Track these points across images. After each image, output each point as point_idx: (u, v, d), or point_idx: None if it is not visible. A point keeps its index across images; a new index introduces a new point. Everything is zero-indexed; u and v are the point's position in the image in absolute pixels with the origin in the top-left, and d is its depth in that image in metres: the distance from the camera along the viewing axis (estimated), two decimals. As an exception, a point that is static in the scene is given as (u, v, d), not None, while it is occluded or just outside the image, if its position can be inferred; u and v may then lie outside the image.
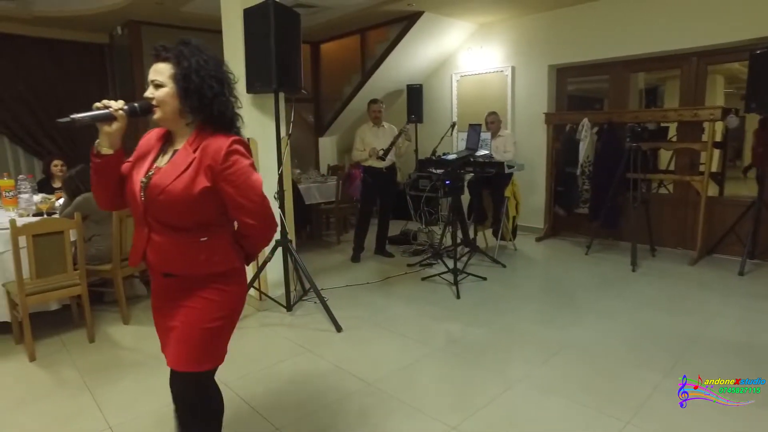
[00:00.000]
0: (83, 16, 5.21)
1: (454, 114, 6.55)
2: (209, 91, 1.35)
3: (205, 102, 1.35)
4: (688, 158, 4.77)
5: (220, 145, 1.35)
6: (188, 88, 1.34)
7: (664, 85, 6.44)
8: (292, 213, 3.68)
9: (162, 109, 1.37)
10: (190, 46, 1.37)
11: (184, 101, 1.35)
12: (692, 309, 3.40)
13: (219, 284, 1.44)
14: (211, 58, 1.39)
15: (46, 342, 3.08)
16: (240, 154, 1.38)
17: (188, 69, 1.33)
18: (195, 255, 1.41)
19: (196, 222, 1.40)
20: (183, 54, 1.34)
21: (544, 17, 5.47)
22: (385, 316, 3.41)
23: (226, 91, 1.40)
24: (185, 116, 1.39)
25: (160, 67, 1.36)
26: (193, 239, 1.40)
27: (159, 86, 1.36)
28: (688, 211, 4.81)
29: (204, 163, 1.35)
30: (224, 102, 1.39)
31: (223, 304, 1.46)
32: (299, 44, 3.19)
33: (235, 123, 1.44)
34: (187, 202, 1.35)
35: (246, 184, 1.38)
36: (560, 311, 3.46)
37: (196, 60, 1.35)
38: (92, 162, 1.39)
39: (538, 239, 5.54)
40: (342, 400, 2.34)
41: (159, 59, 1.37)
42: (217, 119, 1.38)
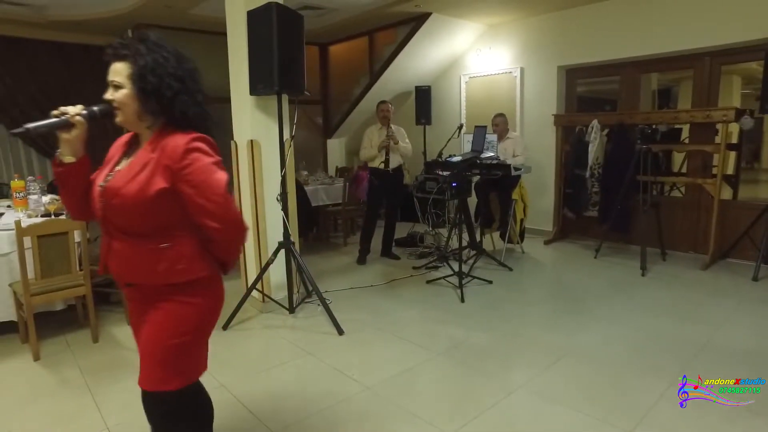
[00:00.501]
0: (94, 20, 5.28)
1: (462, 116, 6.51)
2: (168, 91, 1.27)
3: (165, 102, 1.28)
4: (701, 160, 4.67)
5: (177, 143, 1.27)
6: (145, 88, 1.26)
7: (678, 86, 6.32)
8: (296, 215, 3.67)
9: (123, 111, 1.29)
10: (147, 43, 1.28)
11: (142, 103, 1.27)
12: (702, 315, 3.31)
13: (182, 296, 1.34)
14: (171, 54, 1.30)
15: (51, 341, 3.12)
16: (200, 151, 1.28)
17: (144, 68, 1.25)
18: (155, 263, 1.30)
19: (155, 227, 1.31)
20: (140, 52, 1.26)
21: (553, 17, 5.40)
22: (388, 320, 3.38)
23: (190, 89, 1.31)
24: (146, 118, 1.31)
25: (117, 66, 1.28)
26: (153, 246, 1.31)
27: (118, 87, 1.28)
28: (700, 214, 4.71)
29: (161, 162, 1.27)
30: (185, 102, 1.30)
31: (188, 318, 1.35)
32: (302, 46, 3.19)
33: (201, 122, 1.35)
34: (143, 204, 1.27)
35: (205, 184, 1.27)
36: (566, 316, 3.40)
37: (152, 58, 1.26)
38: (54, 171, 1.33)
39: (547, 242, 5.46)
40: (339, 405, 2.32)
41: (116, 58, 1.28)
42: (180, 120, 1.31)
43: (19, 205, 3.72)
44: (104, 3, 4.87)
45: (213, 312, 1.43)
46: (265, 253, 3.46)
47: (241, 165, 3.52)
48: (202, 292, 1.38)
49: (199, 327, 1.39)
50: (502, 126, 4.94)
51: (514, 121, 5.83)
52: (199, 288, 1.37)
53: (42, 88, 5.72)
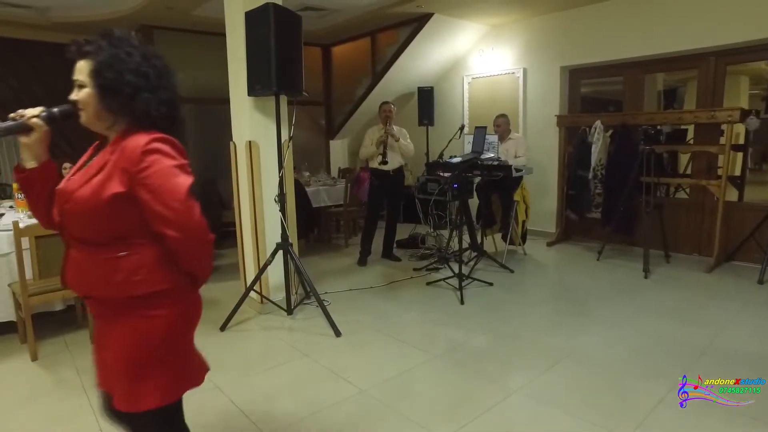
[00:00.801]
0: (97, 22, 5.30)
1: (465, 117, 6.48)
2: (127, 88, 1.18)
3: (124, 100, 1.19)
4: (706, 161, 4.61)
5: (136, 144, 1.17)
6: (104, 85, 1.18)
7: (684, 87, 6.26)
8: (295, 216, 3.66)
9: (86, 111, 1.22)
10: (110, 38, 1.21)
11: (102, 100, 1.19)
12: (706, 318, 3.26)
13: (144, 309, 1.23)
14: (136, 49, 1.22)
15: (50, 342, 3.13)
16: (160, 153, 1.18)
17: (102, 64, 1.17)
18: (111, 274, 1.20)
19: (111, 234, 1.21)
20: (101, 47, 1.19)
21: (556, 18, 5.37)
22: (387, 322, 3.36)
23: (154, 86, 1.23)
24: (105, 117, 1.22)
25: (80, 64, 1.20)
26: (109, 255, 1.21)
27: (81, 86, 1.21)
28: (705, 216, 4.65)
29: (119, 165, 1.18)
30: (147, 99, 1.21)
31: (153, 333, 1.24)
32: (300, 47, 3.18)
33: (167, 122, 1.25)
34: (97, 210, 1.18)
35: (163, 189, 1.16)
36: (567, 319, 3.37)
37: (111, 53, 1.18)
38: (15, 178, 1.27)
39: (549, 244, 5.42)
40: (334, 408, 2.30)
41: (80, 55, 1.20)
42: (143, 119, 1.22)
43: (20, 206, 3.75)
44: (106, 4, 4.90)
45: (182, 325, 1.32)
46: (264, 254, 3.45)
47: (240, 166, 3.52)
48: (167, 304, 1.26)
49: (166, 341, 1.27)
50: (504, 127, 4.90)
51: (517, 122, 5.79)
52: (163, 300, 1.25)
53: (46, 90, 5.77)
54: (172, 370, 1.29)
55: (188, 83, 5.81)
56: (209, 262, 1.33)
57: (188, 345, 1.37)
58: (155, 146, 1.18)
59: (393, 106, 4.82)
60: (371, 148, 4.66)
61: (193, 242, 1.23)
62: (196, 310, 1.37)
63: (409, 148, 4.75)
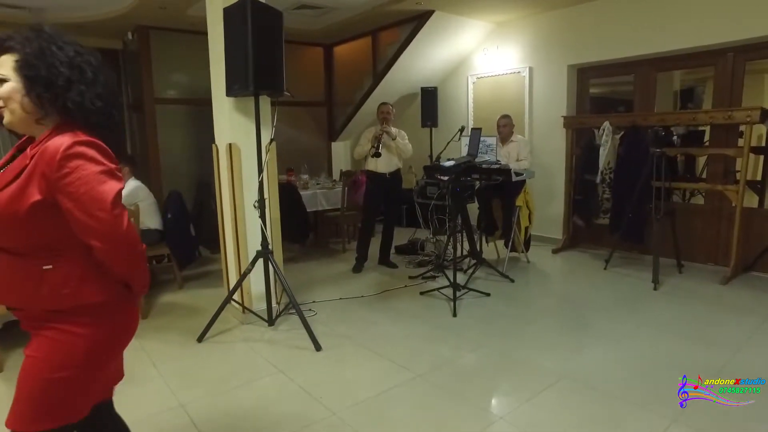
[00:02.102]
0: (94, 23, 5.24)
1: (470, 117, 6.25)
2: (60, 78, 1.11)
3: (55, 91, 1.12)
4: (723, 165, 4.31)
5: (57, 147, 1.09)
6: (31, 75, 1.10)
7: (704, 86, 5.93)
8: (279, 222, 3.50)
9: (8, 108, 1.13)
10: (40, 32, 1.14)
11: (28, 92, 1.11)
12: (719, 336, 2.99)
13: (68, 324, 1.16)
14: (69, 45, 1.16)
15: (19, 352, 3.00)
16: (84, 158, 1.10)
17: (30, 54, 1.11)
18: (37, 286, 1.13)
19: (35, 245, 1.14)
20: (28, 39, 1.13)
21: (564, 14, 5.11)
22: (371, 335, 3.17)
23: (88, 80, 1.16)
24: (36, 112, 1.13)
25: (4, 59, 1.13)
26: (33, 267, 1.14)
27: (2, 81, 1.12)
28: (722, 223, 4.35)
29: (38, 170, 1.10)
30: (82, 91, 1.14)
31: (72, 350, 1.16)
32: (281, 44, 3.01)
33: (103, 119, 1.18)
34: (15, 219, 1.10)
35: (87, 196, 1.09)
36: (565, 335, 3.13)
37: (41, 44, 1.12)
38: None
39: (555, 251, 5.16)
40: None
41: (2, 51, 1.13)
42: (77, 114, 1.14)
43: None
44: (99, 5, 4.82)
45: (108, 344, 1.24)
46: (245, 261, 3.29)
47: (221, 170, 3.37)
48: (94, 321, 1.19)
49: (86, 362, 1.19)
50: (507, 128, 4.68)
51: (523, 124, 5.55)
52: (91, 315, 1.18)
53: (44, 92, 5.74)
54: (81, 392, 1.21)
55: (184, 84, 5.71)
56: (143, 273, 1.27)
57: (108, 363, 1.28)
58: (78, 150, 1.10)
59: (392, 107, 4.64)
60: (366, 145, 4.48)
61: (122, 253, 1.17)
62: (130, 327, 1.30)
63: (407, 148, 4.56)
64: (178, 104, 5.70)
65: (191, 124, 5.76)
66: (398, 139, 4.49)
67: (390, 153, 4.51)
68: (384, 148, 4.43)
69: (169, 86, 5.64)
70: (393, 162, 4.54)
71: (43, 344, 1.17)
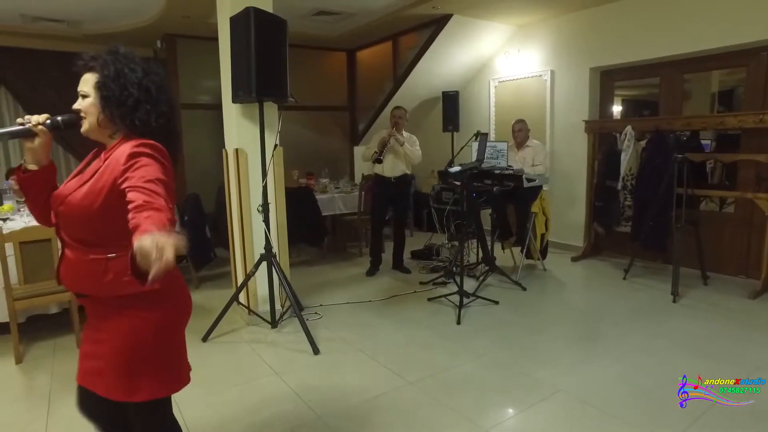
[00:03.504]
0: (125, 32, 5.50)
1: (491, 122, 6.16)
2: (129, 99, 1.29)
3: (125, 111, 1.29)
4: (754, 172, 4.06)
5: (124, 149, 1.25)
6: (107, 96, 1.28)
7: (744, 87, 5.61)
8: (285, 226, 3.55)
9: (88, 119, 1.32)
10: (116, 55, 1.32)
11: (103, 110, 1.29)
12: (736, 355, 2.81)
13: (136, 310, 1.31)
14: (138, 65, 1.33)
15: (41, 344, 3.19)
16: (147, 156, 1.24)
17: (107, 77, 1.29)
18: (102, 274, 1.28)
19: (103, 236, 1.28)
20: (106, 62, 1.30)
21: (585, 15, 4.96)
22: (372, 340, 3.17)
23: (154, 99, 1.33)
24: (107, 126, 1.32)
25: (86, 76, 1.32)
26: (100, 255, 1.28)
27: (84, 96, 1.32)
28: (753, 233, 4.10)
29: (108, 170, 1.26)
30: (147, 111, 1.31)
31: (143, 332, 1.32)
32: (285, 51, 3.06)
33: (163, 132, 1.34)
34: (88, 213, 1.25)
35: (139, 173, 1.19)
36: (570, 347, 3.03)
37: (117, 68, 1.30)
38: (17, 178, 1.35)
39: (574, 259, 5.00)
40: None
41: (86, 69, 1.32)
42: (141, 129, 1.30)
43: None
44: (128, 16, 5.06)
45: (173, 323, 1.40)
46: (251, 264, 3.36)
47: (231, 174, 3.46)
48: (158, 304, 1.33)
49: (158, 339, 1.34)
50: (523, 133, 4.58)
51: (544, 128, 5.42)
52: (154, 301, 1.32)
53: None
54: (165, 366, 1.37)
55: (209, 89, 5.90)
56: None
57: (180, 341, 1.44)
58: (141, 150, 1.25)
59: (405, 112, 4.62)
60: (373, 149, 4.49)
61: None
62: (185, 311, 1.44)
63: (416, 154, 4.54)
64: (203, 109, 5.90)
65: (214, 128, 5.94)
66: (407, 145, 4.47)
67: (397, 158, 4.50)
68: (391, 153, 4.42)
69: (195, 92, 5.85)
70: (399, 167, 4.53)
71: (113, 328, 1.32)
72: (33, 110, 5.88)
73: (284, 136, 7.15)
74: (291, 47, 3.02)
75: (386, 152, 4.42)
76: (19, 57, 5.69)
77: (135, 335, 1.31)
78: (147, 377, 1.33)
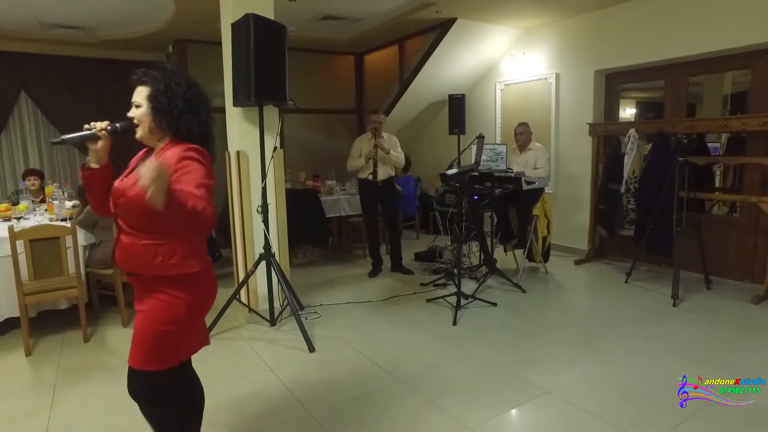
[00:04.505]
0: (138, 38, 5.68)
1: (498, 124, 6.17)
2: (176, 110, 1.51)
3: (172, 120, 1.52)
4: (760, 175, 4.01)
5: (175, 152, 1.48)
6: (158, 107, 1.51)
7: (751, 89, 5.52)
8: (285, 227, 3.63)
9: (141, 127, 1.54)
10: (165, 71, 1.55)
11: (154, 119, 1.52)
12: (730, 360, 2.79)
13: (174, 290, 1.52)
14: (183, 80, 1.55)
15: (50, 338, 3.32)
16: (195, 159, 1.46)
17: (158, 91, 1.51)
18: (152, 256, 1.49)
19: (154, 225, 1.47)
20: (156, 77, 1.52)
21: (590, 18, 4.96)
22: (368, 339, 3.23)
23: (195, 110, 1.55)
24: (157, 132, 1.55)
25: (140, 89, 1.54)
26: (151, 241, 1.49)
27: (138, 106, 1.53)
28: (759, 237, 4.04)
29: None
30: (190, 119, 1.54)
31: (177, 311, 1.52)
32: (284, 56, 3.14)
33: (204, 138, 1.57)
34: (142, 205, 1.37)
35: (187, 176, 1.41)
36: (563, 349, 3.03)
37: (167, 83, 1.52)
38: (81, 175, 1.58)
39: (578, 262, 4.98)
40: (274, 427, 2.22)
41: (139, 82, 1.54)
42: (185, 135, 1.53)
43: (49, 209, 4.06)
44: (140, 22, 5.23)
45: (201, 305, 1.62)
46: (251, 264, 3.45)
47: (232, 176, 3.56)
48: (192, 288, 1.55)
49: (186, 319, 1.55)
50: (525, 136, 4.59)
51: (549, 131, 5.42)
52: (190, 284, 1.54)
53: (98, 102, 6.26)
54: (180, 342, 1.58)
55: (218, 93, 6.01)
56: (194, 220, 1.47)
57: (201, 320, 1.68)
58: (190, 154, 1.49)
59: (383, 117, 4.65)
60: (359, 160, 4.55)
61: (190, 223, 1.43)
62: (211, 295, 1.66)
63: (400, 158, 4.60)
64: (214, 112, 6.02)
65: (223, 131, 6.08)
66: (392, 152, 4.51)
67: (384, 164, 4.55)
68: (379, 160, 4.48)
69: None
70: (386, 171, 4.58)
71: (155, 304, 1.53)
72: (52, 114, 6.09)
73: (294, 138, 7.29)
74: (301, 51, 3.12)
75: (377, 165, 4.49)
76: (38, 63, 5.91)
77: (170, 311, 1.52)
78: (166, 350, 1.54)
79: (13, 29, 5.35)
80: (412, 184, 6.15)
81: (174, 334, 1.54)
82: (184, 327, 1.56)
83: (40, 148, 6.16)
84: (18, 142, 6.04)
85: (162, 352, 1.54)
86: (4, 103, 5.87)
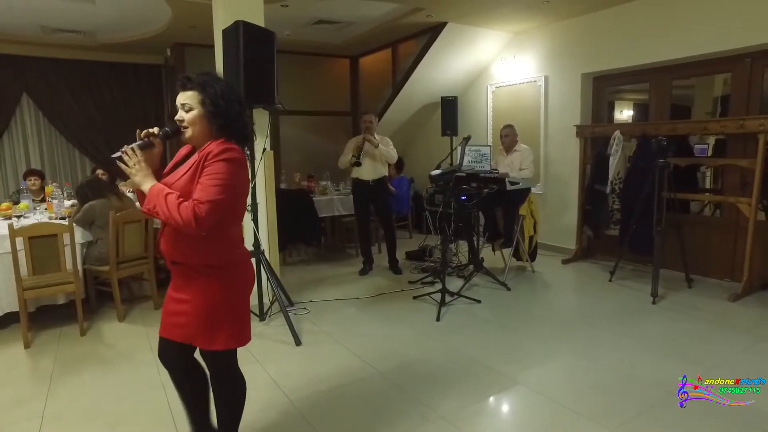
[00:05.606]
0: (137, 41, 5.82)
1: (489, 126, 6.28)
2: (232, 112, 1.60)
3: (229, 121, 1.60)
4: (740, 177, 4.10)
5: (212, 149, 1.56)
6: (216, 111, 1.58)
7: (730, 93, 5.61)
8: (275, 225, 3.76)
9: (192, 128, 1.61)
10: (210, 76, 1.63)
11: (212, 121, 1.59)
12: (699, 354, 2.90)
13: (217, 277, 1.63)
14: (228, 85, 1.64)
15: (47, 332, 3.45)
16: (226, 161, 1.54)
17: (215, 95, 1.58)
18: (198, 246, 1.60)
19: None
20: (207, 83, 1.59)
21: (578, 22, 5.06)
22: (352, 334, 3.34)
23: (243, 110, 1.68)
24: (208, 134, 1.62)
25: (188, 94, 1.60)
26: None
27: (190, 110, 1.59)
28: (738, 237, 4.14)
29: (201, 164, 1.56)
30: (244, 120, 1.66)
31: (223, 294, 1.64)
32: (273, 61, 3.26)
33: (249, 137, 1.71)
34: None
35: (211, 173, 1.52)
36: (539, 345, 3.14)
37: (220, 88, 1.60)
38: (138, 197, 1.68)
39: (565, 261, 5.09)
40: (256, 414, 2.34)
41: (185, 88, 1.60)
42: (234, 134, 1.62)
43: (48, 208, 4.19)
44: (139, 26, 5.37)
45: (244, 288, 1.73)
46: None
47: (225, 176, 3.68)
48: (232, 275, 1.67)
49: (234, 301, 1.68)
50: (510, 138, 4.70)
51: (538, 133, 5.53)
52: (229, 271, 1.66)
53: (98, 104, 6.41)
54: (237, 323, 1.70)
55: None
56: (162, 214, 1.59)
57: (246, 305, 1.78)
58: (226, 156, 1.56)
59: (374, 117, 4.76)
60: (348, 155, 4.65)
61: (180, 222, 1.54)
62: (251, 281, 1.79)
63: (391, 154, 4.68)
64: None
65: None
66: (381, 146, 4.62)
67: (375, 161, 4.65)
68: (368, 157, 4.58)
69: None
70: (377, 170, 4.68)
71: (197, 290, 1.64)
72: (53, 115, 6.23)
73: (291, 140, 7.41)
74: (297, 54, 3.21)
75: (363, 156, 4.58)
76: (39, 66, 6.06)
77: (215, 296, 1.63)
78: (223, 331, 1.65)
79: (16, 33, 5.50)
80: (405, 184, 6.27)
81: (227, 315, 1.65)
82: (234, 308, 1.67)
83: (42, 149, 6.32)
84: (20, 143, 6.20)
85: (222, 332, 1.65)
86: (6, 105, 6.02)
